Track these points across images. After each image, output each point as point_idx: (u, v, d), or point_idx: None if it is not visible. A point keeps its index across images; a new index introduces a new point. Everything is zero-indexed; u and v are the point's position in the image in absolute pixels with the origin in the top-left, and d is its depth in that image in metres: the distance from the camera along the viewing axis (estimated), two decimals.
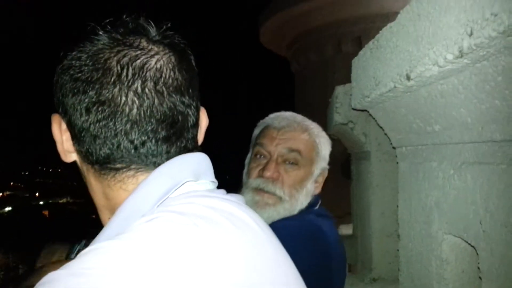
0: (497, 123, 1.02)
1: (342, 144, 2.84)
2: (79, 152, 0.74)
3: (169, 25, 0.77)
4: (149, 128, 0.70)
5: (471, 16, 0.84)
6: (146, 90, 0.69)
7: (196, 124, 0.77)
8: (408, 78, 1.19)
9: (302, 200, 1.42)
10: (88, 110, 0.69)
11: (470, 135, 1.15)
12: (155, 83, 0.70)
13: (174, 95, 0.71)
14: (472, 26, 0.84)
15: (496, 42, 0.80)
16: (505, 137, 1.00)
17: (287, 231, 1.20)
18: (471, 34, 0.84)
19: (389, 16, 6.57)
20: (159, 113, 0.70)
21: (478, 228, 1.10)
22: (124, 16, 0.75)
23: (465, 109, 1.11)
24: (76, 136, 0.72)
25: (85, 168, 0.76)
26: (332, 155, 1.58)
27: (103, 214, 0.77)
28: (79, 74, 0.70)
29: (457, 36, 0.89)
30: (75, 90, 0.70)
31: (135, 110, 0.69)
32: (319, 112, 3.19)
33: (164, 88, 0.71)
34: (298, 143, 1.43)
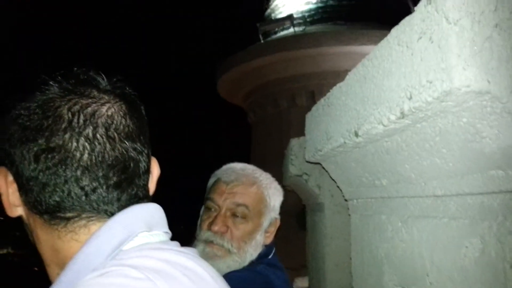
0: (438, 179, 1.09)
1: (298, 196, 2.89)
2: (26, 203, 0.72)
3: (119, 77, 0.79)
4: (100, 173, 0.69)
5: (410, 81, 0.93)
6: (98, 135, 0.69)
7: (147, 171, 0.77)
8: (356, 134, 1.26)
9: (251, 252, 1.46)
10: (37, 158, 0.68)
11: (414, 190, 1.21)
12: (107, 129, 0.70)
13: (125, 141, 0.72)
14: (411, 91, 0.92)
15: (432, 106, 0.87)
16: (445, 192, 1.07)
17: (238, 283, 1.21)
18: (410, 98, 0.92)
19: (340, 73, 6.94)
20: (111, 159, 0.70)
21: (426, 280, 1.14)
22: (75, 68, 0.77)
23: (408, 165, 1.18)
24: (24, 186, 0.70)
25: (32, 221, 0.73)
26: (287, 206, 1.61)
27: (52, 270, 0.74)
28: (28, 123, 0.69)
29: (398, 99, 0.97)
30: (24, 139, 0.69)
31: (86, 156, 0.68)
32: (275, 163, 3.25)
33: (115, 134, 0.71)
34: (245, 197, 1.49)
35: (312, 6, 7.69)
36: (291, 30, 7.50)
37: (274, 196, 1.57)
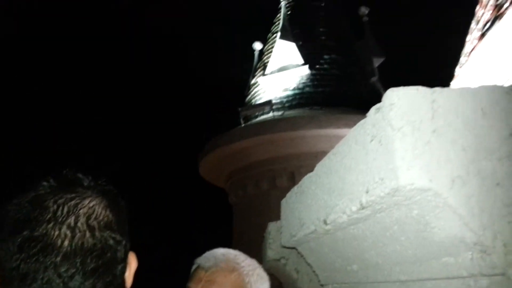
0: (401, 265, 1.17)
1: (277, 279, 2.87)
2: None
3: (104, 179, 0.88)
4: (79, 260, 0.73)
5: (366, 177, 1.04)
6: (79, 224, 0.75)
7: (124, 260, 0.82)
8: (325, 222, 1.35)
9: None
10: (20, 248, 0.72)
11: (382, 275, 1.28)
12: (88, 219, 0.77)
13: (104, 230, 0.78)
14: (367, 186, 1.03)
15: (386, 200, 0.98)
16: (408, 277, 1.14)
17: None
18: (367, 192, 1.03)
19: (318, 155, 7.18)
20: (89, 245, 0.74)
21: None
22: (64, 171, 0.86)
23: (374, 252, 1.26)
24: (5, 278, 0.73)
25: None
26: None
27: None
28: (18, 216, 0.75)
29: (357, 192, 1.08)
30: (12, 231, 0.74)
31: (66, 242, 0.73)
32: (256, 245, 3.26)
33: (95, 223, 0.77)
34: (223, 285, 1.47)
35: (290, 93, 8.14)
36: (271, 114, 7.86)
37: (257, 284, 1.52)
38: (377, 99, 1.12)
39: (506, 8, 2.81)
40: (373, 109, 1.04)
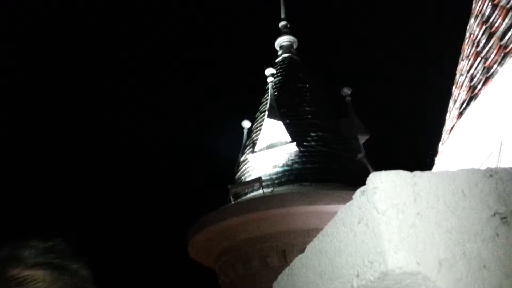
0: None
1: None
2: None
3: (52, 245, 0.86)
4: None
5: (356, 260, 1.05)
6: None
7: None
8: None
9: None
10: None
11: None
12: None
13: None
14: (357, 269, 1.03)
15: (376, 284, 0.98)
16: None
17: None
18: (358, 276, 1.03)
19: (309, 231, 7.10)
20: None
21: None
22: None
23: None
24: None
25: None
26: None
27: None
28: None
29: (348, 276, 1.08)
30: None
31: None
32: None
33: None
34: None
35: (279, 169, 8.24)
36: (260, 191, 7.87)
37: None
38: (365, 174, 1.16)
39: (479, 90, 2.99)
40: (358, 192, 1.07)
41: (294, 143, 8.26)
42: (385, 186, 0.97)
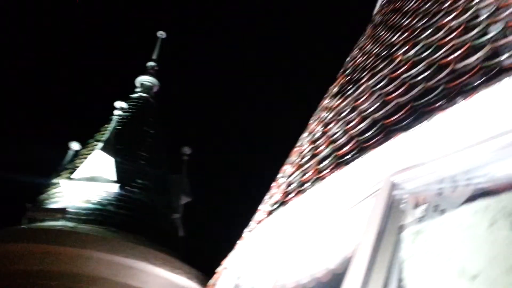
0: None
1: None
2: None
3: None
4: None
5: None
6: None
7: None
8: None
9: None
10: None
11: None
12: None
13: None
14: None
15: None
16: None
17: None
18: None
19: (97, 281, 6.61)
20: None
21: None
22: None
23: None
24: None
25: None
26: None
27: None
28: None
29: None
30: None
31: None
32: None
33: None
34: None
35: (90, 206, 7.66)
36: (61, 223, 7.14)
37: None
38: (175, 236, 1.14)
39: (291, 198, 3.34)
40: None
41: (118, 184, 7.87)
42: None
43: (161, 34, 12.43)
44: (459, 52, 2.64)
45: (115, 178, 7.93)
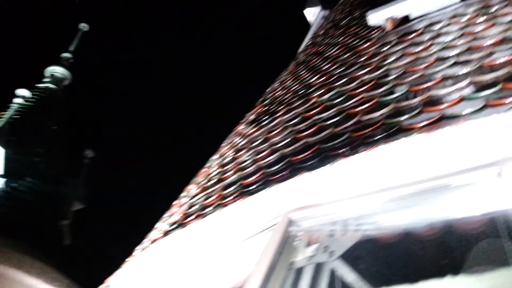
0: None
1: None
2: None
3: None
4: None
5: None
6: None
7: None
8: None
9: None
10: None
11: None
12: None
13: None
14: None
15: None
16: None
17: None
18: None
19: None
20: None
21: None
22: None
23: None
24: None
25: None
26: None
27: None
28: None
29: None
30: None
31: None
32: None
33: None
34: None
35: None
36: None
37: None
38: (59, 244, 1.02)
39: (190, 221, 3.27)
40: None
41: (3, 179, 7.11)
42: None
43: (83, 26, 11.80)
44: (366, 105, 2.84)
45: (1, 171, 7.17)
